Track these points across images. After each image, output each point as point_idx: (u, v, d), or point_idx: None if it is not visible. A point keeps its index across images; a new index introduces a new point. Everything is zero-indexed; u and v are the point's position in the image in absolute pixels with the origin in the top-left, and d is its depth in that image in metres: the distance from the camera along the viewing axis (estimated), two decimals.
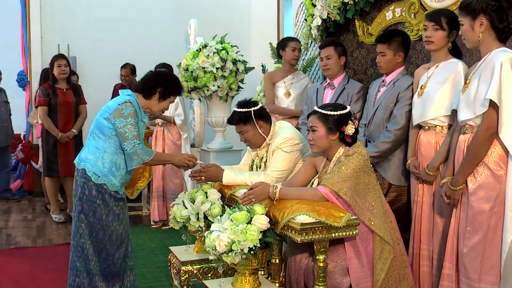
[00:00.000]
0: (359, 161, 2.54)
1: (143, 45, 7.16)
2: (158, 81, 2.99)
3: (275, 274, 2.86)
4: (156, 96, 2.97)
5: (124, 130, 2.83)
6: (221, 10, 7.48)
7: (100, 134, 2.88)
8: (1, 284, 3.70)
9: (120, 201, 2.93)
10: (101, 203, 2.86)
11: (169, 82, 3.02)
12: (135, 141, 2.84)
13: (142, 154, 2.89)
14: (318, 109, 2.70)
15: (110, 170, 2.86)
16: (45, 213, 5.90)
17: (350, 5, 4.06)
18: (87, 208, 2.86)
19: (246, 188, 2.79)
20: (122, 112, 2.84)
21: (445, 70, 2.87)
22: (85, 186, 2.85)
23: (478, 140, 2.44)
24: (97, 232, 2.87)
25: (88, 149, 2.91)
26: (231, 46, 5.31)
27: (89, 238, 2.87)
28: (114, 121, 2.83)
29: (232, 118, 3.17)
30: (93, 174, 2.83)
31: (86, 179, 2.85)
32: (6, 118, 6.51)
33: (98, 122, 2.89)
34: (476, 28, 2.48)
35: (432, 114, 2.88)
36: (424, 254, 2.94)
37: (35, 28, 6.87)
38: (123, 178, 2.93)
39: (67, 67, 5.38)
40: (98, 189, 2.85)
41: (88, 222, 2.87)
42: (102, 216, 2.87)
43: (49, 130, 5.34)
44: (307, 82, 4.55)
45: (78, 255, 2.90)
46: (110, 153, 2.87)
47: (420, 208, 2.96)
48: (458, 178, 2.53)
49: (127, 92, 2.97)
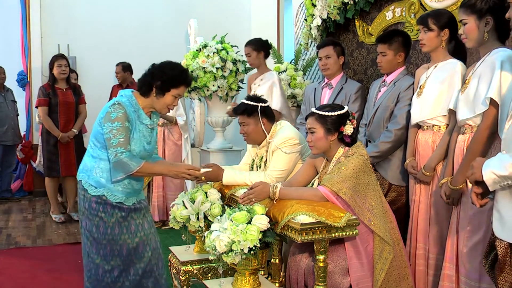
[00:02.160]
0: (359, 162, 2.54)
1: (143, 45, 7.16)
2: (153, 74, 2.63)
3: (275, 274, 2.86)
4: (154, 92, 2.62)
5: (109, 136, 2.52)
6: (221, 10, 7.49)
7: (95, 141, 2.62)
8: (1, 284, 3.69)
9: (131, 211, 2.63)
10: (103, 216, 2.57)
11: (166, 73, 2.62)
12: (118, 149, 2.50)
13: (127, 164, 2.52)
14: (315, 110, 2.70)
15: (108, 179, 2.57)
16: (45, 213, 5.90)
17: (350, 5, 4.06)
18: (89, 223, 2.59)
19: (246, 188, 2.79)
20: (110, 115, 2.54)
21: (443, 70, 2.88)
22: (84, 199, 2.60)
23: (478, 139, 2.44)
24: (104, 248, 2.58)
25: (86, 158, 2.67)
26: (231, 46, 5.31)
27: (98, 256, 2.59)
28: (103, 126, 2.56)
29: (238, 108, 3.19)
30: (89, 185, 2.58)
31: (85, 191, 2.59)
32: (13, 117, 6.53)
33: (94, 127, 2.64)
34: (481, 27, 2.48)
35: (430, 113, 2.89)
36: (420, 253, 2.94)
37: (35, 28, 6.87)
38: (126, 187, 2.62)
39: (67, 67, 5.41)
40: (98, 201, 2.57)
41: (93, 239, 2.59)
42: (106, 230, 2.58)
43: (49, 130, 5.34)
44: (272, 80, 4.48)
45: (88, 275, 2.63)
46: (107, 161, 2.58)
47: (417, 208, 2.96)
48: (458, 177, 2.54)
49: (123, 92, 2.69)
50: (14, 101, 6.61)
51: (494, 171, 1.88)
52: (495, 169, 1.87)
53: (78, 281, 3.68)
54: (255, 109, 3.13)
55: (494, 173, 1.88)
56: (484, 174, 1.92)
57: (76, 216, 5.54)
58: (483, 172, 1.93)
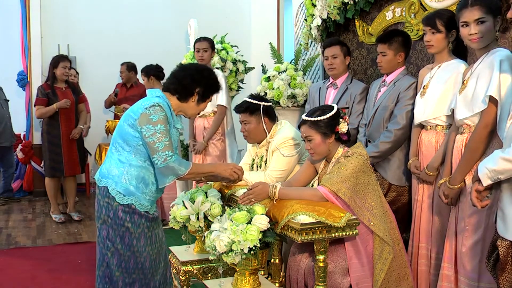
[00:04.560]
0: (358, 162, 2.54)
1: (143, 45, 7.16)
2: (196, 79, 2.49)
3: (275, 274, 2.86)
4: (195, 98, 2.50)
5: (152, 139, 2.34)
6: (221, 10, 7.49)
7: (124, 145, 2.41)
8: (1, 284, 3.70)
9: (152, 221, 2.48)
10: (130, 226, 2.39)
11: (210, 80, 2.53)
12: (167, 153, 2.35)
13: (177, 167, 2.39)
14: (306, 117, 2.67)
15: (138, 187, 2.40)
16: (45, 213, 5.90)
17: (350, 5, 4.06)
18: (113, 233, 2.40)
19: (246, 188, 2.79)
20: (150, 117, 2.35)
21: (447, 71, 2.88)
22: (109, 207, 2.39)
23: (476, 138, 2.45)
24: (127, 261, 2.41)
25: (110, 162, 2.45)
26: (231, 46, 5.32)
27: (118, 268, 2.41)
28: (140, 129, 2.36)
29: (240, 105, 3.18)
30: (117, 193, 2.38)
31: (110, 199, 2.39)
32: (9, 117, 6.50)
33: (122, 129, 2.42)
34: (496, 27, 2.46)
35: (433, 113, 2.89)
36: (422, 253, 2.95)
37: (35, 28, 6.87)
38: (153, 196, 2.47)
39: (70, 69, 5.50)
40: (125, 210, 2.38)
41: (116, 250, 2.41)
42: (132, 242, 2.40)
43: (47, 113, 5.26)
44: None
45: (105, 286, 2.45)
46: (137, 167, 2.41)
47: (420, 208, 2.96)
48: (457, 176, 2.54)
49: (155, 92, 2.50)
50: (6, 100, 6.55)
51: (486, 165, 1.92)
52: (487, 164, 1.91)
53: (78, 281, 3.69)
54: (257, 107, 3.13)
55: (486, 168, 1.92)
56: (479, 168, 1.96)
57: (77, 216, 5.55)
58: (478, 167, 1.97)
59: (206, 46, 4.68)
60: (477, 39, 2.45)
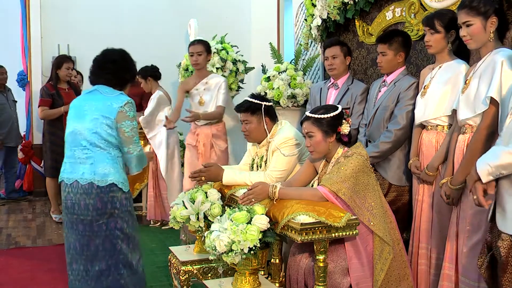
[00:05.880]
0: (358, 162, 2.54)
1: (143, 45, 7.13)
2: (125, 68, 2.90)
3: (275, 274, 2.86)
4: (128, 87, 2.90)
5: (131, 134, 2.70)
6: (221, 10, 7.48)
7: (107, 144, 2.69)
8: (1, 284, 3.70)
9: None
10: (130, 209, 2.76)
11: (130, 62, 2.94)
12: (139, 145, 2.78)
13: (145, 157, 2.84)
14: (310, 114, 2.68)
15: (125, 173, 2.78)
16: (45, 213, 5.90)
17: (350, 5, 4.06)
18: (121, 222, 2.70)
19: (246, 188, 2.79)
20: (127, 114, 2.69)
21: (448, 71, 2.88)
22: (114, 199, 2.67)
23: (478, 138, 2.45)
24: (134, 239, 2.76)
25: (100, 162, 2.68)
26: (231, 46, 5.32)
27: (128, 249, 2.72)
28: (119, 125, 2.68)
29: (241, 105, 3.18)
30: (122, 184, 2.70)
31: (115, 192, 2.67)
32: (16, 118, 6.51)
33: (99, 132, 2.67)
34: (488, 28, 2.47)
35: (434, 113, 2.89)
36: (422, 253, 2.95)
37: (35, 28, 6.87)
38: None
39: (73, 70, 5.57)
40: (127, 197, 2.74)
41: (125, 235, 2.71)
42: (134, 222, 2.77)
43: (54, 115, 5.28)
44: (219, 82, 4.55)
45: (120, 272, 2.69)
46: (120, 158, 2.76)
47: (420, 208, 2.97)
48: (458, 176, 2.54)
49: (110, 89, 2.77)
50: (14, 101, 6.61)
51: (488, 162, 1.90)
52: (489, 160, 1.89)
53: None
54: (258, 107, 3.13)
55: (488, 164, 1.90)
56: (478, 166, 1.94)
57: None
58: (477, 164, 1.95)
59: (200, 50, 4.46)
60: (466, 41, 2.53)
